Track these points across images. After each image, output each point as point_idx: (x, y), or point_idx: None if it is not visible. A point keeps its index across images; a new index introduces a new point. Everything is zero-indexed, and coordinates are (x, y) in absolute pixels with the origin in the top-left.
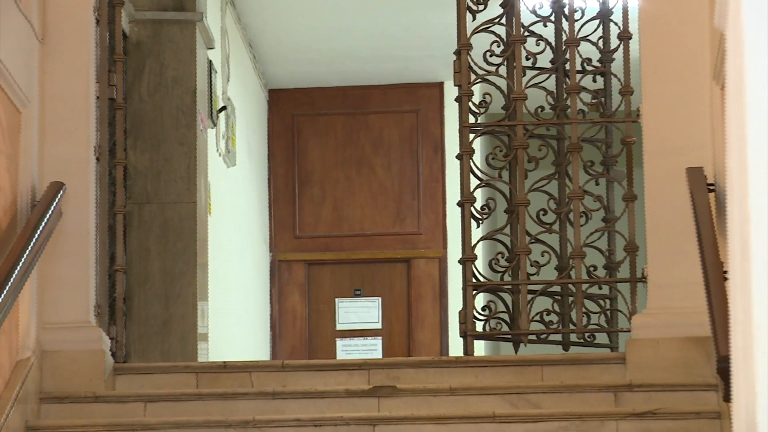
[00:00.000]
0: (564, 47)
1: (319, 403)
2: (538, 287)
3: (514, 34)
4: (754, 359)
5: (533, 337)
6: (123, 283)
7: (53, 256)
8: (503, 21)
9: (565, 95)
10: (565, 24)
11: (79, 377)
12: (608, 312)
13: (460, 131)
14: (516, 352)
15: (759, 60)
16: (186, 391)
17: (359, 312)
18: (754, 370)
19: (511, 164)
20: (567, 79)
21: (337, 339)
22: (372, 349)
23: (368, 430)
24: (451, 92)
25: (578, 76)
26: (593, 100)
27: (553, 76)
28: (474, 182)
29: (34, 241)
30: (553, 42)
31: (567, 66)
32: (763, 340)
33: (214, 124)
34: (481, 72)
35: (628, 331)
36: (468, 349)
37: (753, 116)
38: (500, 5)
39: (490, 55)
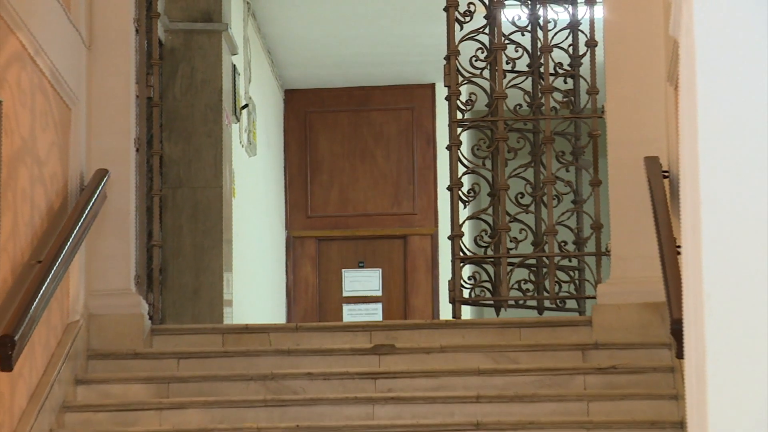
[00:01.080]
0: (539, 53)
1: (327, 360)
2: (517, 260)
3: (495, 42)
4: (703, 321)
5: (512, 303)
6: (159, 256)
7: (99, 233)
8: (486, 31)
9: (540, 95)
10: (539, 33)
11: (122, 337)
12: (577, 281)
13: (449, 126)
14: (497, 315)
15: (708, 63)
16: (213, 349)
17: (362, 281)
18: (704, 331)
19: (493, 154)
20: (541, 81)
21: (343, 304)
22: (373, 313)
23: (370, 383)
24: (441, 92)
25: (551, 78)
26: (564, 99)
27: (530, 78)
28: (461, 170)
29: (82, 220)
30: (529, 49)
31: (542, 69)
32: (711, 305)
33: (238, 120)
34: (467, 74)
35: (594, 298)
36: (456, 313)
37: (703, 112)
38: (484, 17)
39: (475, 60)
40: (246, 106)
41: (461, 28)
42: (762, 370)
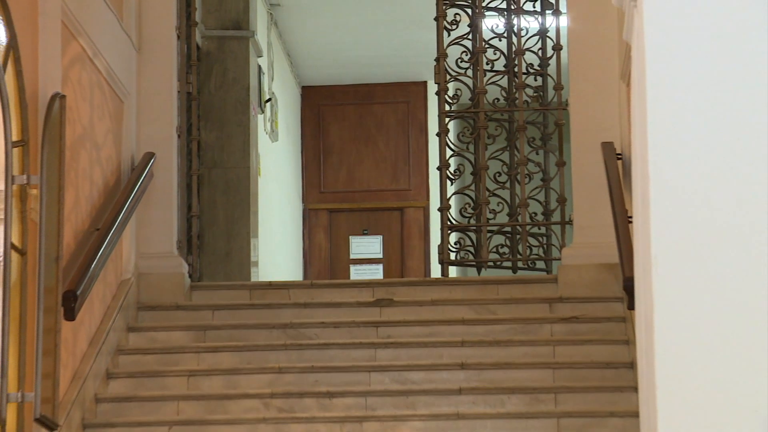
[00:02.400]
0: (513, 56)
1: (337, 311)
2: (495, 228)
3: (477, 46)
4: (651, 279)
5: (491, 264)
6: (197, 225)
7: (147, 205)
8: (470, 37)
9: (514, 90)
10: (514, 39)
11: (166, 292)
12: (545, 246)
13: (438, 116)
14: (479, 274)
15: (656, 64)
16: (242, 302)
17: (366, 246)
18: (651, 287)
19: (476, 140)
20: (516, 79)
21: (350, 265)
22: (375, 272)
23: (372, 331)
24: (432, 88)
25: (524, 76)
26: (534, 94)
27: (506, 77)
28: (448, 153)
29: (132, 195)
30: (505, 52)
31: (516, 69)
32: (657, 265)
33: (262, 111)
34: (453, 73)
35: (559, 260)
36: (444, 272)
37: (651, 104)
38: (467, 25)
39: (460, 62)
40: (269, 100)
41: (449, 35)
42: (700, 318)
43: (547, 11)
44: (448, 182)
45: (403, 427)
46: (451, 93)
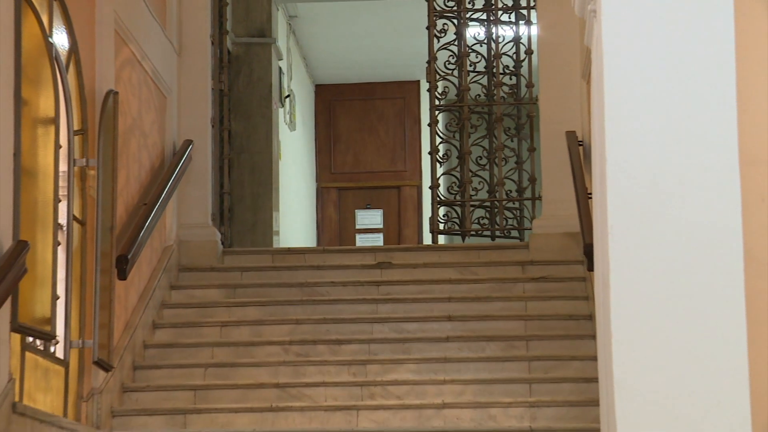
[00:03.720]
0: (492, 59)
1: (345, 272)
2: (476, 203)
3: (462, 51)
4: (607, 244)
5: (473, 233)
6: (228, 200)
7: (186, 184)
8: (456, 43)
9: (493, 88)
10: (493, 45)
11: (202, 256)
12: (518, 218)
13: (429, 110)
14: (463, 241)
15: (612, 65)
16: (265, 264)
17: (369, 218)
18: (608, 250)
19: (460, 129)
20: (494, 78)
21: (356, 234)
22: (377, 240)
23: (374, 288)
24: (424, 86)
25: (501, 76)
26: (510, 91)
27: (486, 77)
28: (438, 140)
29: (174, 175)
30: (486, 56)
31: (494, 70)
32: (613, 233)
33: (282, 105)
34: (442, 74)
35: (530, 229)
36: (434, 240)
37: (608, 99)
38: (454, 34)
39: (448, 64)
40: (288, 96)
41: (438, 41)
42: (649, 276)
43: (521, 22)
44: (438, 165)
45: (400, 369)
46: (440, 90)
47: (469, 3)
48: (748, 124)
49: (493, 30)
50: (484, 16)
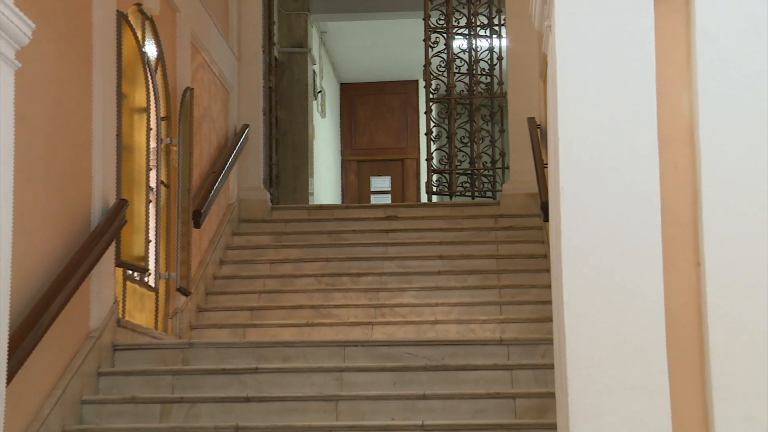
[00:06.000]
0: (472, 64)
1: (362, 223)
2: (461, 171)
3: (450, 57)
4: (559, 201)
5: (458, 194)
6: (275, 169)
7: (244, 157)
8: (445, 52)
9: (473, 85)
10: (473, 53)
11: (256, 211)
12: (492, 182)
13: (425, 102)
14: (450, 200)
15: (563, 67)
16: (303, 217)
17: (380, 183)
18: (559, 206)
19: (449, 116)
20: (474, 78)
21: (371, 194)
22: (386, 199)
23: (384, 235)
24: (421, 84)
25: (479, 76)
26: (486, 87)
27: (468, 76)
28: (432, 124)
29: (235, 151)
30: (467, 61)
31: (474, 72)
32: (564, 194)
33: (316, 99)
34: (435, 75)
35: (501, 191)
36: (429, 198)
37: (560, 93)
38: (444, 45)
39: (439, 67)
40: (320, 91)
41: (432, 50)
42: (593, 224)
43: (494, 36)
44: (431, 143)
45: (404, 295)
46: (433, 87)
47: (455, 22)
48: (665, 111)
49: (473, 42)
50: (467, 32)
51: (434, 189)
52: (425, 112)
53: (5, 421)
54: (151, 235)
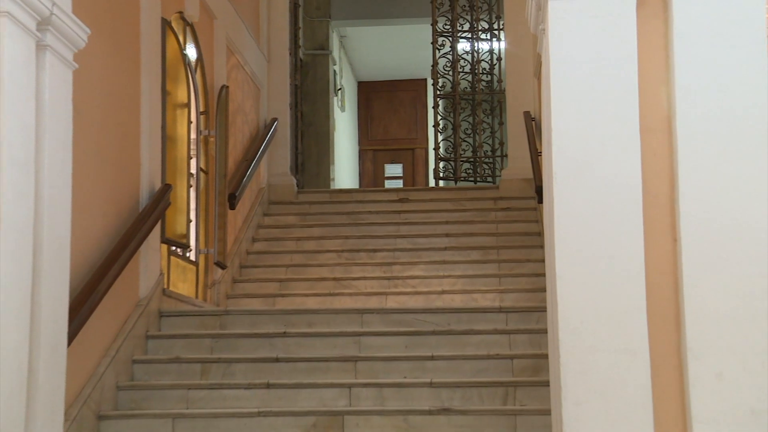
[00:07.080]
0: (475, 64)
1: (377, 204)
2: (464, 159)
3: (455, 58)
4: (552, 185)
5: (462, 179)
6: (300, 158)
7: (274, 147)
8: (450, 53)
9: (475, 83)
10: (475, 54)
11: (284, 194)
12: (492, 168)
13: (433, 98)
14: (455, 184)
15: (556, 66)
16: (325, 200)
17: (394, 169)
18: (552, 189)
19: (454, 110)
20: (476, 76)
21: (385, 180)
22: (399, 184)
23: (397, 215)
24: (430, 82)
25: (481, 75)
26: (487, 85)
27: (471, 75)
28: (439, 118)
29: (266, 141)
30: (470, 61)
31: (476, 71)
32: (557, 179)
33: (336, 95)
34: (441, 74)
35: (500, 176)
36: (436, 183)
37: (553, 90)
38: (449, 47)
39: (445, 67)
40: (340, 89)
41: (439, 52)
42: (583, 206)
43: (494, 39)
44: (438, 134)
45: (414, 268)
46: (440, 85)
47: (459, 27)
48: (646, 104)
49: (476, 44)
50: (470, 35)
51: (441, 175)
52: (433, 107)
53: (67, 377)
54: (192, 216)
